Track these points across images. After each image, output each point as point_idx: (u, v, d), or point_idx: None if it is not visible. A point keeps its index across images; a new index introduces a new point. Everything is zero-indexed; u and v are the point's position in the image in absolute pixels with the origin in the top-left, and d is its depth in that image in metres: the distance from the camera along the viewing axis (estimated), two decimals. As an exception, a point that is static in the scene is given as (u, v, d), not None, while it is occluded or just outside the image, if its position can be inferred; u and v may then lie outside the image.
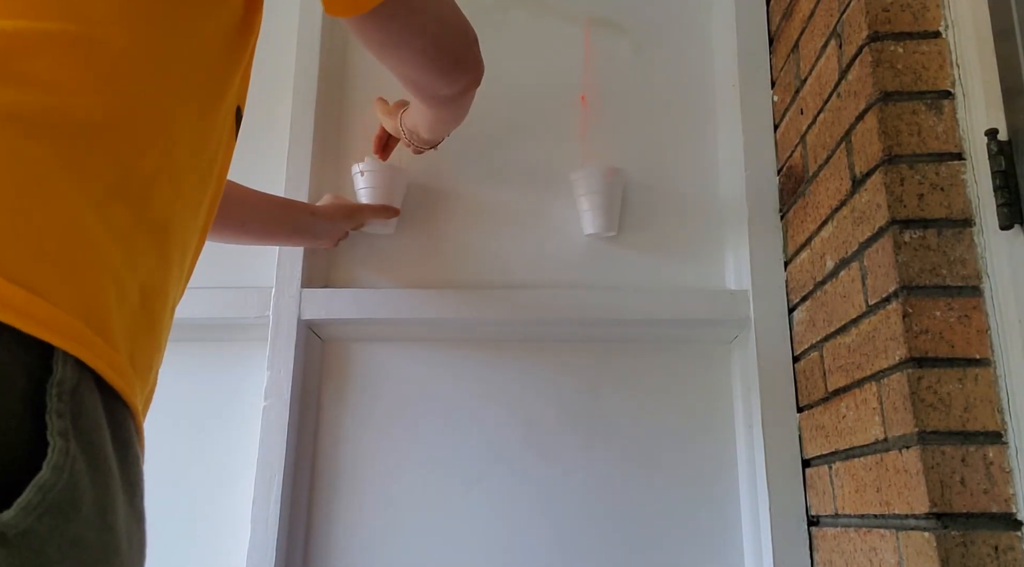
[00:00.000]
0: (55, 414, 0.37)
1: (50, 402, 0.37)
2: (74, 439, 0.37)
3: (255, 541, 1.13)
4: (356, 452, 1.24)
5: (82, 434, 0.38)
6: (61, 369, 0.38)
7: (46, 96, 0.43)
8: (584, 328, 1.25)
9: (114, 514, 0.40)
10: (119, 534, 0.40)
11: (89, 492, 0.38)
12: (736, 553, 1.19)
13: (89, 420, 0.39)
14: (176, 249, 0.53)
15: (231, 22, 0.58)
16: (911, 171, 0.88)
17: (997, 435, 0.79)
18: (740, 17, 1.33)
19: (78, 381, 0.39)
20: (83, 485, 0.37)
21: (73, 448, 0.37)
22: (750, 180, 1.25)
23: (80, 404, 0.38)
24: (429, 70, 0.79)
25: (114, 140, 0.45)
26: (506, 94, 1.36)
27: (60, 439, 0.36)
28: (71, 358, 0.38)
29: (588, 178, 1.24)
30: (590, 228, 1.27)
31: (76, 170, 0.42)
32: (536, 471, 1.23)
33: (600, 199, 1.25)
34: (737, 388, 1.25)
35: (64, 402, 0.37)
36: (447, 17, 0.75)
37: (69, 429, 0.37)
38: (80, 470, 0.37)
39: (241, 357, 1.29)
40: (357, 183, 1.26)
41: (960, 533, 0.77)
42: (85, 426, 0.38)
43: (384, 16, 0.67)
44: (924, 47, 0.92)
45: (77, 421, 0.38)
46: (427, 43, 0.74)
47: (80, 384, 0.39)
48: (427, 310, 1.22)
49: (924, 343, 0.83)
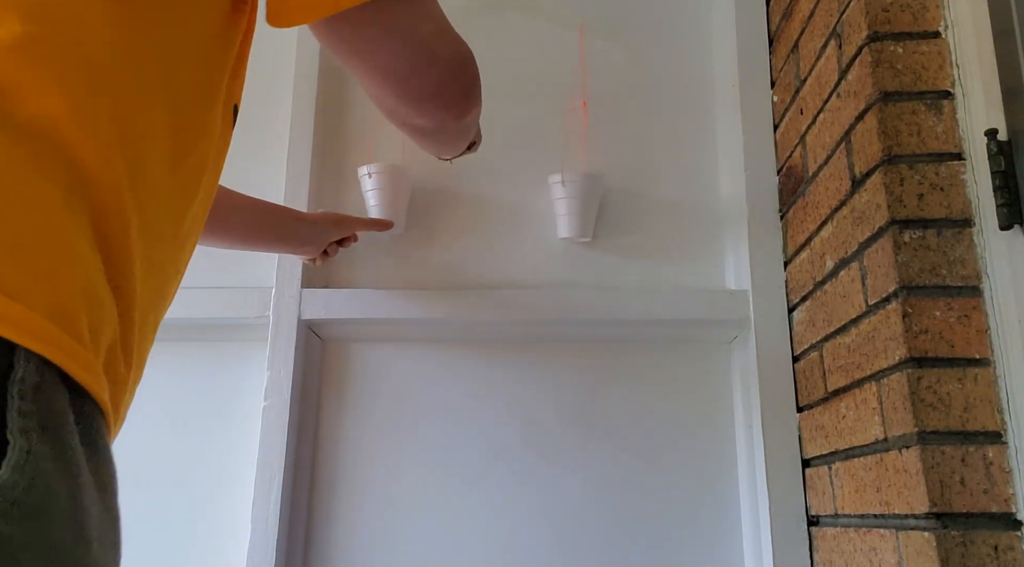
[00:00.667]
0: (16, 413, 0.35)
1: (10, 400, 0.36)
2: (37, 438, 0.36)
3: (255, 541, 1.13)
4: (356, 452, 1.24)
5: (47, 432, 0.37)
6: (23, 366, 0.37)
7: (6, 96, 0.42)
8: (584, 328, 1.25)
9: (86, 514, 0.38)
10: (90, 534, 0.39)
11: (61, 494, 0.36)
12: (736, 553, 1.19)
13: (55, 419, 0.38)
14: (154, 257, 0.51)
15: (216, 19, 0.55)
16: (911, 171, 0.88)
17: (997, 435, 0.79)
18: (740, 17, 1.33)
19: (41, 379, 0.37)
20: (52, 485, 0.36)
21: (36, 447, 0.36)
22: (750, 180, 1.25)
23: (44, 402, 0.37)
24: (397, 95, 0.67)
25: (78, 141, 0.44)
26: (509, 94, 1.36)
27: (22, 438, 0.35)
28: (35, 355, 0.37)
29: (565, 183, 1.24)
30: (564, 232, 1.27)
31: (44, 171, 0.41)
32: (536, 471, 1.23)
33: (576, 204, 1.25)
34: (737, 388, 1.25)
35: (26, 400, 0.36)
36: (425, 37, 0.63)
37: (35, 428, 0.36)
38: (47, 470, 0.36)
39: (241, 357, 1.29)
40: (365, 185, 1.26)
41: (960, 533, 0.77)
42: (50, 424, 0.37)
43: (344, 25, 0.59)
44: (924, 47, 0.92)
45: (42, 419, 0.37)
46: (397, 62, 0.63)
47: (44, 382, 0.37)
48: (427, 310, 1.22)
49: (924, 343, 0.83)
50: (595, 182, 1.26)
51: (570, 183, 1.24)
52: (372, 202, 1.26)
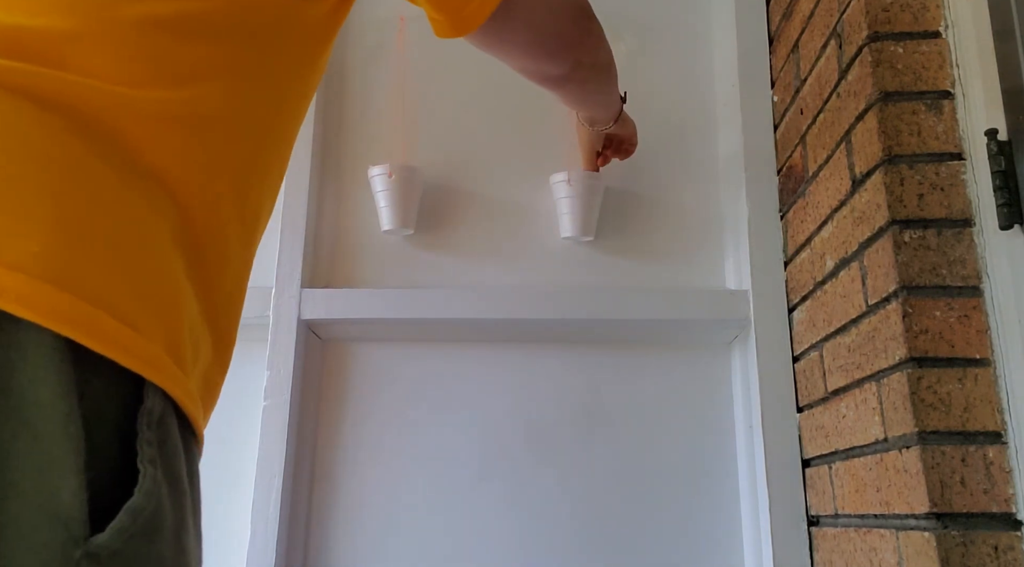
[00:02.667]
0: (145, 443, 0.39)
1: (141, 431, 0.39)
2: (160, 466, 0.40)
3: (255, 541, 1.13)
4: (356, 452, 1.24)
5: (166, 460, 0.40)
6: (151, 399, 0.40)
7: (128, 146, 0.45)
8: (585, 328, 1.25)
9: (187, 535, 0.42)
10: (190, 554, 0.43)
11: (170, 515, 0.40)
12: (736, 553, 1.19)
13: (172, 446, 0.42)
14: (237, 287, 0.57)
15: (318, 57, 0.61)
16: (911, 171, 0.88)
17: (997, 435, 0.79)
18: (740, 17, 1.33)
19: (163, 410, 0.41)
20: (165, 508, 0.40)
21: (159, 474, 0.39)
22: (750, 180, 1.25)
23: (165, 432, 0.41)
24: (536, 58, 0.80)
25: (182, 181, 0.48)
26: (514, 92, 1.36)
27: (150, 466, 0.39)
28: (159, 389, 0.41)
29: (567, 182, 1.24)
30: (567, 232, 1.27)
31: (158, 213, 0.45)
32: (536, 471, 1.23)
33: (578, 203, 1.25)
34: (737, 388, 1.25)
35: (152, 431, 0.40)
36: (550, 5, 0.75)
37: (157, 456, 0.40)
38: (164, 494, 0.40)
39: (241, 357, 1.28)
40: (375, 185, 1.26)
41: (960, 533, 0.77)
42: (168, 452, 0.41)
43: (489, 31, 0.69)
44: (924, 47, 0.92)
45: (163, 448, 0.40)
46: (532, 36, 0.75)
47: (165, 413, 0.41)
48: (427, 310, 1.22)
49: (924, 343, 0.83)
50: (597, 182, 1.26)
51: (575, 182, 1.24)
52: (383, 203, 1.26)
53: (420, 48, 1.39)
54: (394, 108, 1.37)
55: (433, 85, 1.39)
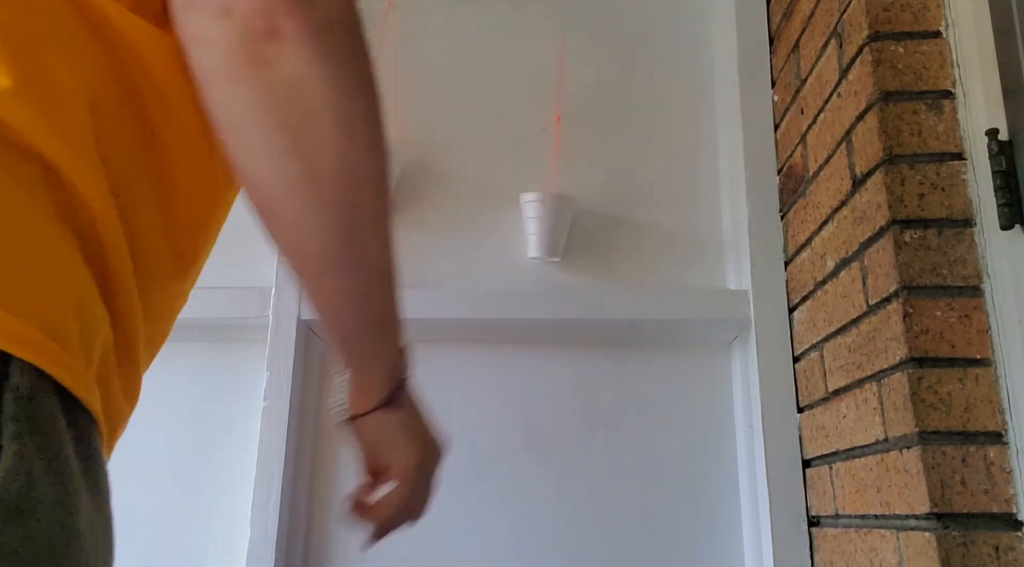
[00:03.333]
0: (10, 420, 0.37)
1: (5, 407, 0.37)
2: (30, 442, 0.38)
3: (255, 541, 1.13)
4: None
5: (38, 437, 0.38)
6: (17, 376, 0.38)
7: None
8: (584, 328, 1.25)
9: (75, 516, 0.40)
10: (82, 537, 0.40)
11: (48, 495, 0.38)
12: (736, 553, 1.19)
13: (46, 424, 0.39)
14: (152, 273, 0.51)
15: None
16: (911, 171, 0.88)
17: (997, 435, 0.79)
18: (740, 17, 1.33)
19: (34, 386, 0.39)
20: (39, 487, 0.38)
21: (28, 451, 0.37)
22: (750, 180, 1.25)
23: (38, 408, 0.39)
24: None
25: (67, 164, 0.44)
26: (510, 94, 1.36)
27: (14, 443, 0.37)
28: (28, 365, 0.39)
29: (535, 203, 1.25)
30: (533, 251, 1.27)
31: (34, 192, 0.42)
32: (536, 471, 1.23)
33: (545, 225, 1.25)
34: (737, 388, 1.25)
35: (20, 407, 0.38)
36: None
37: (25, 433, 0.38)
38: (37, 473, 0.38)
39: (241, 357, 1.29)
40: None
41: (960, 533, 0.77)
42: (44, 429, 0.39)
43: None
44: (924, 47, 0.92)
45: (34, 425, 0.38)
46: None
47: (37, 390, 0.39)
48: (427, 310, 1.22)
49: (924, 343, 0.83)
50: (565, 204, 1.26)
51: (539, 203, 1.24)
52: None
53: (402, 60, 1.39)
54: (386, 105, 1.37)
55: (423, 80, 1.39)
